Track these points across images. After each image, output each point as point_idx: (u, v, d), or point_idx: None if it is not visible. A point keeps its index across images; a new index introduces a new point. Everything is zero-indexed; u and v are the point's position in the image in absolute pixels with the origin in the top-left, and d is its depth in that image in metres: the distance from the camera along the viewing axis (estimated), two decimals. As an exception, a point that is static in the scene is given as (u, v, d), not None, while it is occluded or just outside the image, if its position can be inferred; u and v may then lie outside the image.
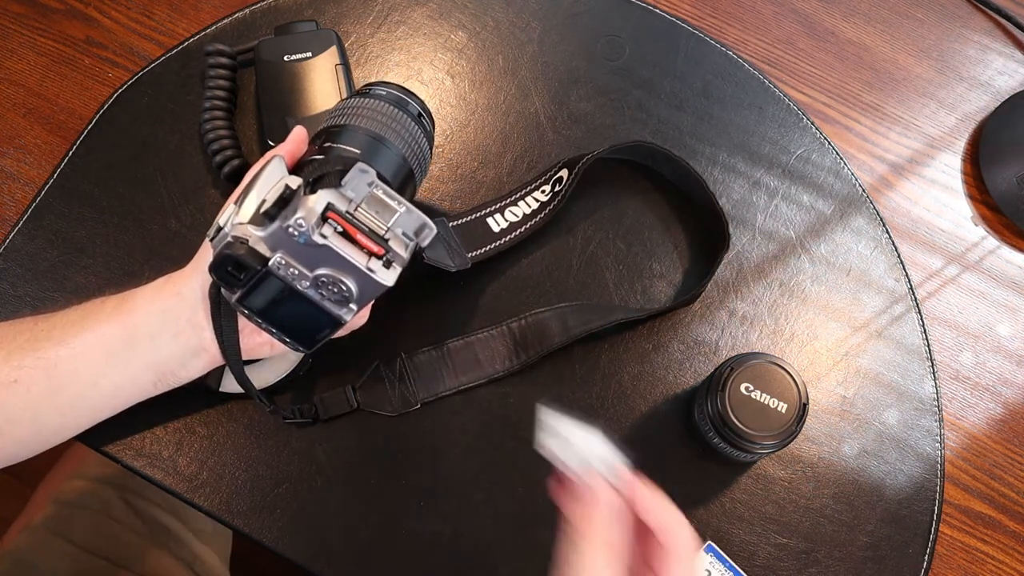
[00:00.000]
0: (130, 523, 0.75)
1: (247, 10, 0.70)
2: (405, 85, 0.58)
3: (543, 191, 0.65)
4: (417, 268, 0.56)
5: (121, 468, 0.60)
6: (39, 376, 0.50)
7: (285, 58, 0.64)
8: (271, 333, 0.50)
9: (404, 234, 0.47)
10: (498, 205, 0.64)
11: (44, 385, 0.50)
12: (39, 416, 0.51)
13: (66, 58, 0.69)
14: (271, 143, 0.63)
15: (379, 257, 0.47)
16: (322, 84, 0.64)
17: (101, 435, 0.58)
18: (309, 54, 0.64)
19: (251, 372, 0.58)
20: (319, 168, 0.47)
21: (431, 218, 0.48)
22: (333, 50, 0.65)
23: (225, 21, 0.69)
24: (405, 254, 0.47)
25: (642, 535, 0.44)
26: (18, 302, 0.62)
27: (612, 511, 0.42)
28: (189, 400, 0.60)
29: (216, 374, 0.58)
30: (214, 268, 0.47)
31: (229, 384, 0.59)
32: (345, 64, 0.65)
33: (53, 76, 0.69)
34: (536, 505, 0.60)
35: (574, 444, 0.46)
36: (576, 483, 0.44)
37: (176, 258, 0.54)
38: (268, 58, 0.64)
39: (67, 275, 0.63)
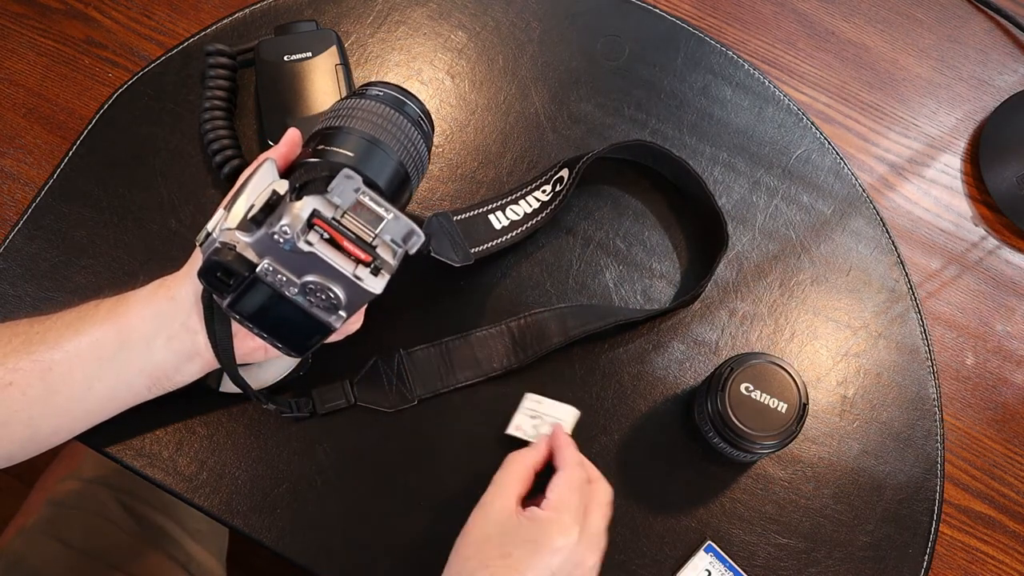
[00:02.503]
0: (124, 524, 0.75)
1: (247, 10, 0.70)
2: (404, 85, 0.58)
3: (544, 191, 0.65)
4: (420, 264, 0.56)
5: (115, 469, 0.60)
6: (34, 379, 0.50)
7: (285, 58, 0.64)
8: (263, 338, 0.50)
9: (392, 241, 0.47)
10: (500, 202, 0.64)
11: (39, 388, 0.50)
12: (34, 419, 0.51)
13: (66, 58, 0.69)
14: (271, 143, 0.63)
15: (367, 264, 0.46)
16: (322, 84, 0.64)
17: (101, 435, 0.58)
18: (309, 54, 0.64)
19: (251, 373, 0.58)
20: (306, 174, 0.47)
21: (434, 213, 0.47)
22: (333, 50, 0.65)
23: (225, 21, 0.69)
24: (393, 261, 0.47)
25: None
26: (18, 302, 0.62)
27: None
28: (189, 400, 0.59)
29: (216, 374, 0.58)
30: (203, 274, 0.47)
31: (229, 384, 0.59)
32: (345, 64, 0.65)
33: (53, 76, 0.69)
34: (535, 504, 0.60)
35: (546, 425, 0.59)
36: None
37: (176, 258, 0.54)
38: (268, 58, 0.64)
39: (67, 275, 0.63)
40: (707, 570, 0.58)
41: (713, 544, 0.59)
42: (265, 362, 0.59)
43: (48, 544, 0.73)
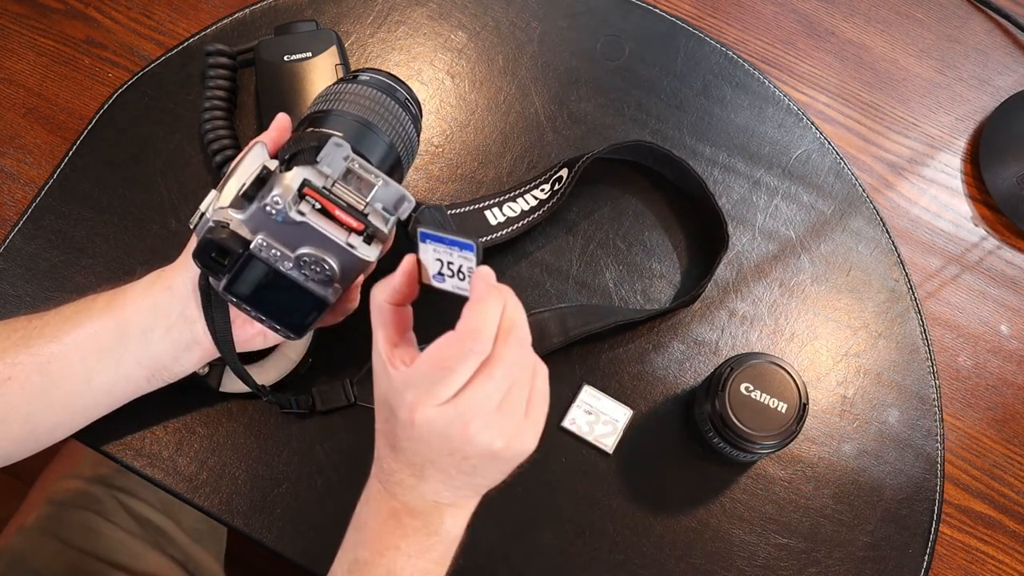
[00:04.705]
0: (123, 523, 0.75)
1: (247, 10, 0.70)
2: (395, 73, 0.58)
3: (542, 190, 0.65)
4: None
5: (114, 468, 0.60)
6: (33, 373, 0.50)
7: (285, 58, 0.64)
8: (260, 321, 0.50)
9: (384, 208, 0.47)
10: (497, 200, 0.64)
11: (38, 382, 0.50)
12: (33, 414, 0.51)
13: (66, 58, 0.69)
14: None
15: (359, 232, 0.46)
16: (322, 84, 0.64)
17: (101, 435, 0.58)
18: (309, 54, 0.64)
19: (252, 372, 0.58)
20: (295, 145, 0.47)
21: (429, 205, 0.47)
22: (333, 50, 0.65)
23: (225, 21, 0.69)
24: (386, 228, 0.47)
25: None
26: (18, 302, 0.62)
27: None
28: (189, 400, 0.60)
29: (217, 374, 0.58)
30: (197, 255, 0.47)
31: (229, 384, 0.59)
32: (345, 64, 0.65)
33: (53, 76, 0.69)
34: (535, 506, 0.60)
35: (600, 423, 0.60)
36: None
37: (175, 258, 0.54)
38: (268, 58, 0.64)
39: (67, 275, 0.63)
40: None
41: (426, 230, 0.47)
42: (266, 361, 0.59)
43: (47, 543, 0.73)
